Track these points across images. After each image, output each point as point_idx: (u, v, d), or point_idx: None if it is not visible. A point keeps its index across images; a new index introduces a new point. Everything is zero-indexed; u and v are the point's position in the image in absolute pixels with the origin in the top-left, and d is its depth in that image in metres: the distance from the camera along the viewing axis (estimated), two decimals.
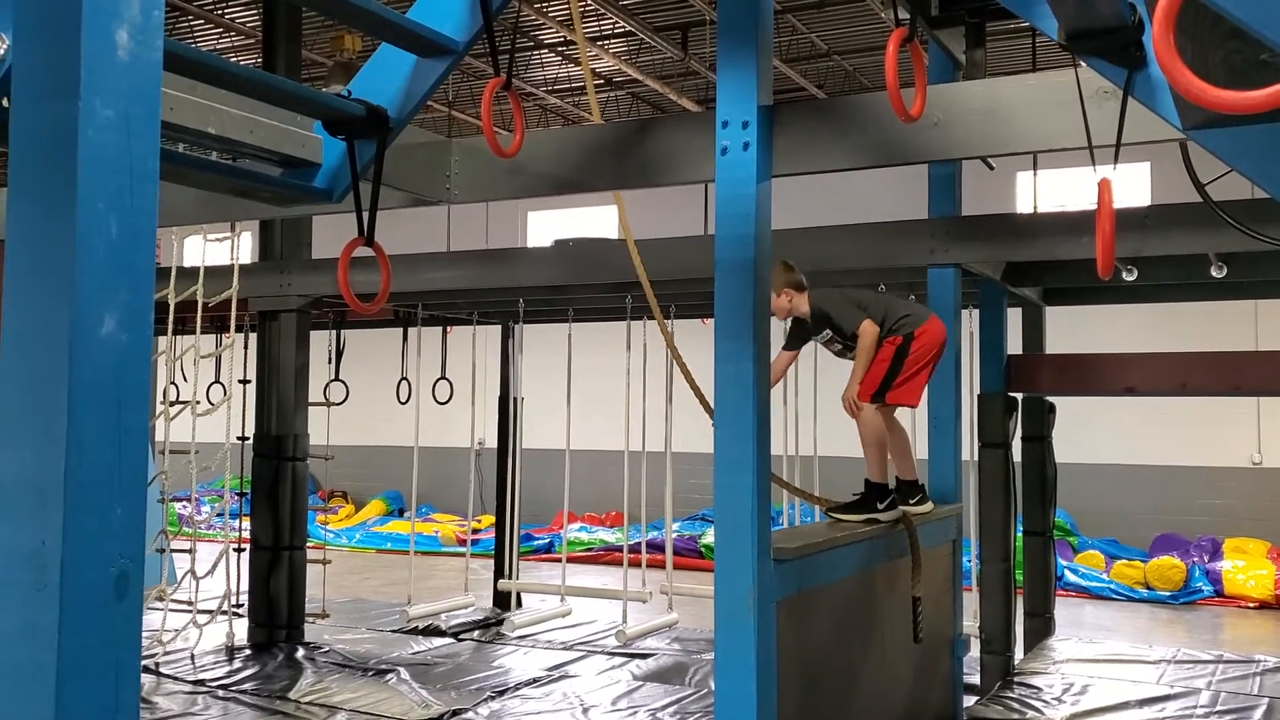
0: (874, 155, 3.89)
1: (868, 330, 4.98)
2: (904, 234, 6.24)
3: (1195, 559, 12.30)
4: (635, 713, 6.27)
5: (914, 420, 7.52)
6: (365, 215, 3.78)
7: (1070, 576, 12.25)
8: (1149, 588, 11.89)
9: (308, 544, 14.47)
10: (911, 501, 5.01)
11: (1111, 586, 12.03)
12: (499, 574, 9.73)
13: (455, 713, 6.14)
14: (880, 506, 4.81)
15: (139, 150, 1.75)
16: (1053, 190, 12.98)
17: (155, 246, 6.22)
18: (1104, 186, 2.77)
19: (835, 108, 4.04)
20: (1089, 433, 13.79)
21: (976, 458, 7.34)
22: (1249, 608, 11.52)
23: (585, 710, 6.28)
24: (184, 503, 14.26)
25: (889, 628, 5.02)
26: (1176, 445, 13.98)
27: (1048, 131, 3.64)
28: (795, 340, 5.43)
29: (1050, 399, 8.01)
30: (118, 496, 1.71)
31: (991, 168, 5.50)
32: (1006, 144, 3.73)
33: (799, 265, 6.47)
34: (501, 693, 6.63)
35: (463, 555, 13.03)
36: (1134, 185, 13.23)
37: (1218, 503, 13.98)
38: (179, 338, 8.35)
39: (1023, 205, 14.08)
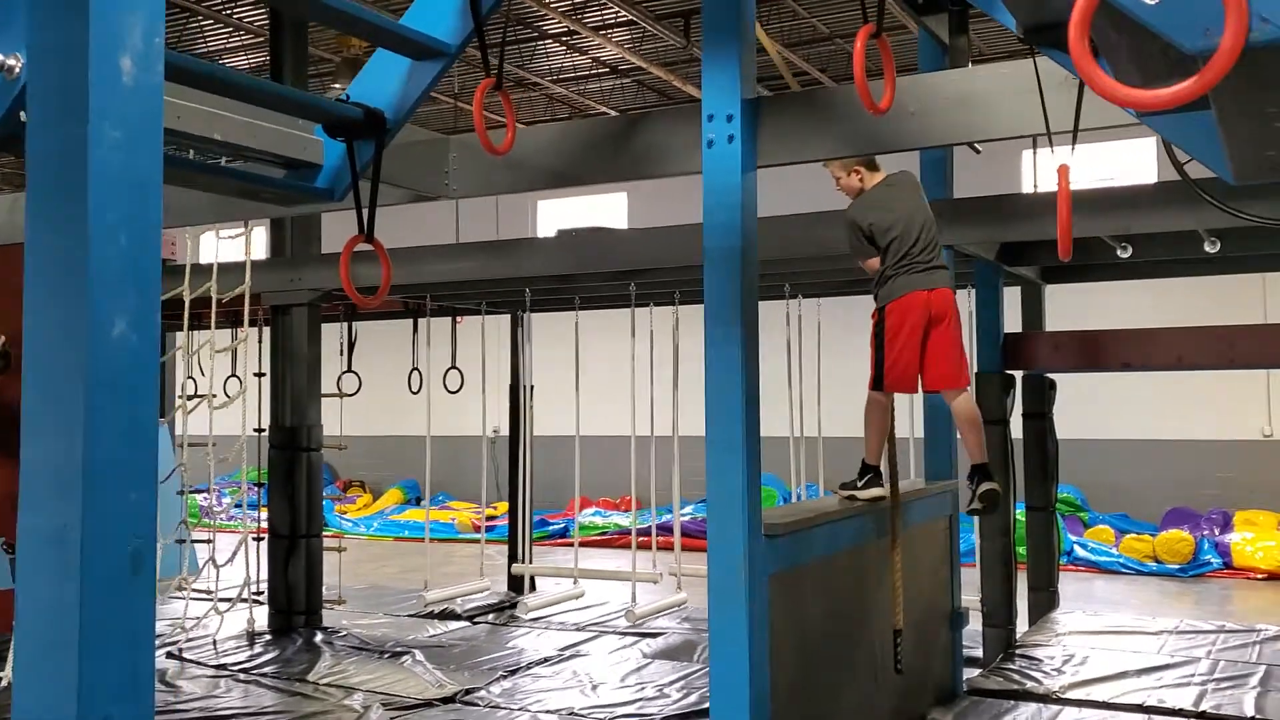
0: (855, 145, 4.04)
1: (866, 268, 5.13)
2: None
3: (1206, 532, 12.40)
4: (644, 688, 6.45)
5: (909, 397, 7.66)
6: (366, 213, 3.97)
7: (1080, 551, 12.38)
8: (1158, 561, 12.01)
9: (326, 533, 14.79)
10: (860, 484, 5.05)
11: (1121, 561, 12.15)
12: (513, 559, 9.93)
13: (468, 691, 6.33)
14: (860, 484, 4.96)
15: (143, 166, 1.92)
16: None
17: (163, 247, 6.41)
18: (1062, 172, 2.90)
19: (818, 99, 4.18)
20: (1100, 408, 13.90)
21: None
22: (1258, 579, 11.63)
23: (594, 687, 6.46)
24: (205, 494, 14.54)
25: (887, 601, 5.16)
26: (1187, 419, 14.06)
27: (1020, 118, 3.76)
28: None
29: (1052, 376, 8.15)
30: (131, 482, 1.88)
31: (978, 151, 5.62)
32: (980, 131, 3.87)
33: (792, 251, 6.63)
34: (514, 672, 6.83)
35: (475, 541, 13.29)
36: (1141, 163, 13.27)
37: (1229, 476, 14.06)
38: (195, 333, 8.55)
39: (1029, 185, 14.17)
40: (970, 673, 6.67)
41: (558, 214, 16.00)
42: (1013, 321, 8.04)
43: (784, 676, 4.18)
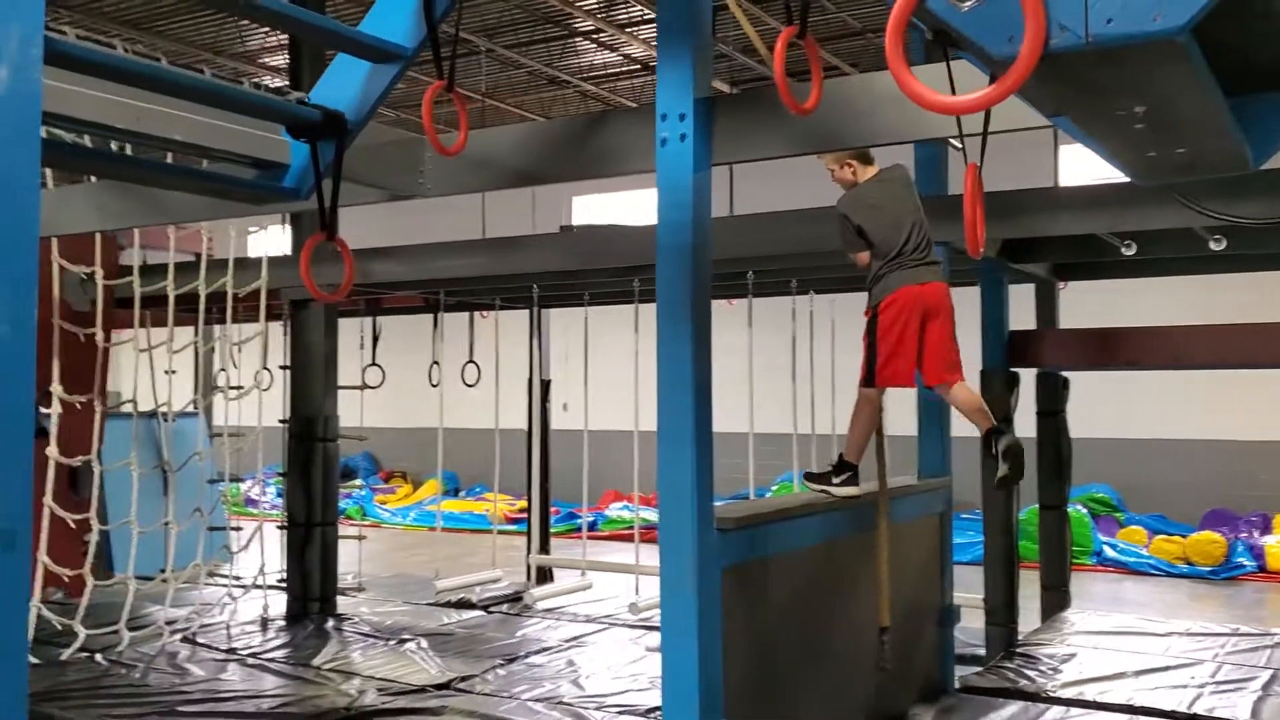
0: (806, 143, 4.08)
1: (857, 261, 5.16)
2: None
3: (1243, 534, 12.21)
4: (636, 679, 6.53)
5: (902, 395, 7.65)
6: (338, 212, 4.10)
7: (1109, 552, 12.25)
8: (1189, 563, 11.84)
9: (364, 522, 15.08)
10: (836, 481, 5.07)
11: (1151, 562, 12.00)
12: (530, 550, 10.08)
13: (463, 678, 6.47)
14: (836, 481, 4.99)
15: (18, 170, 2.03)
16: (1085, 164, 12.91)
17: (198, 242, 6.62)
18: (970, 172, 2.93)
19: (770, 98, 4.22)
20: (1137, 407, 13.74)
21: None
22: None
23: (588, 677, 6.56)
24: (247, 483, 14.89)
25: (862, 597, 5.19)
26: (1226, 419, 13.83)
27: (970, 116, 3.78)
28: None
29: (1068, 375, 8.08)
30: (3, 465, 1.99)
31: (959, 149, 5.62)
32: (927, 129, 3.91)
33: (786, 248, 6.67)
34: (511, 660, 6.95)
35: (510, 533, 13.50)
36: None
37: (1272, 477, 13.80)
38: (221, 326, 8.81)
39: (1066, 179, 14.07)
40: (969, 670, 6.67)
41: (593, 209, 16.15)
42: (1027, 319, 8.01)
43: (739, 669, 4.23)
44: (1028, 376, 7.68)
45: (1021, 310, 7.93)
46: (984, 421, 5.29)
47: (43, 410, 7.19)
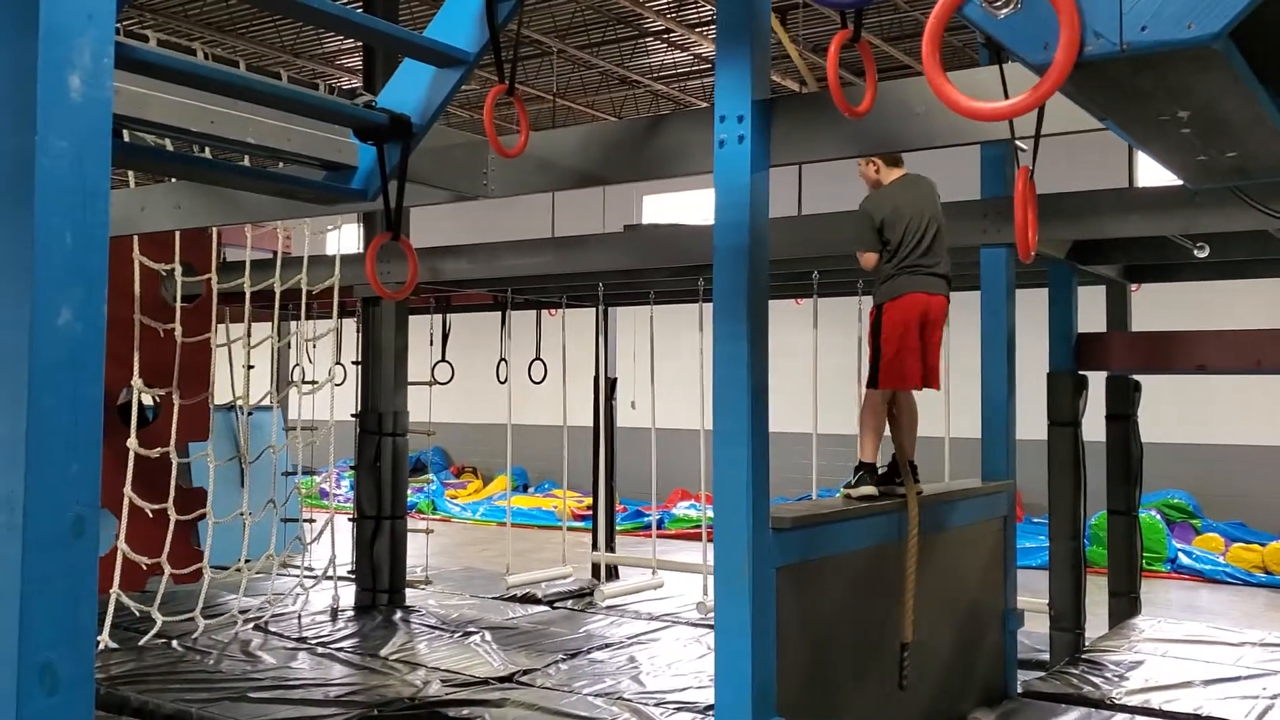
0: (862, 144, 4.09)
1: (864, 261, 5.11)
2: (955, 215, 6.30)
3: None
4: (698, 677, 6.57)
5: (964, 398, 7.58)
6: (405, 212, 4.19)
7: (1184, 559, 12.01)
8: (1268, 572, 11.57)
9: (434, 516, 15.31)
10: (853, 482, 5.03)
11: (1227, 570, 11.75)
12: (595, 547, 10.18)
13: (525, 672, 6.56)
14: (852, 482, 4.99)
15: (90, 173, 2.14)
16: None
17: (277, 240, 6.83)
18: (1021, 175, 2.92)
19: (827, 100, 4.24)
20: (1217, 411, 13.45)
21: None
22: None
23: (648, 674, 6.61)
24: (321, 476, 15.21)
25: (920, 599, 5.15)
26: None
27: (1022, 118, 3.77)
28: None
29: (1139, 378, 7.96)
30: (74, 454, 2.10)
31: (1023, 149, 5.57)
32: (982, 132, 3.91)
33: (847, 248, 6.65)
34: (574, 656, 7.03)
35: (579, 530, 13.62)
36: None
37: None
38: (297, 323, 9.02)
39: (1144, 180, 13.85)
40: (1033, 674, 6.61)
41: (663, 207, 16.20)
42: (1099, 322, 7.90)
43: (793, 668, 4.25)
44: (1097, 380, 7.60)
45: (1094, 312, 7.83)
46: (912, 448, 5.23)
47: (146, 401, 7.47)
